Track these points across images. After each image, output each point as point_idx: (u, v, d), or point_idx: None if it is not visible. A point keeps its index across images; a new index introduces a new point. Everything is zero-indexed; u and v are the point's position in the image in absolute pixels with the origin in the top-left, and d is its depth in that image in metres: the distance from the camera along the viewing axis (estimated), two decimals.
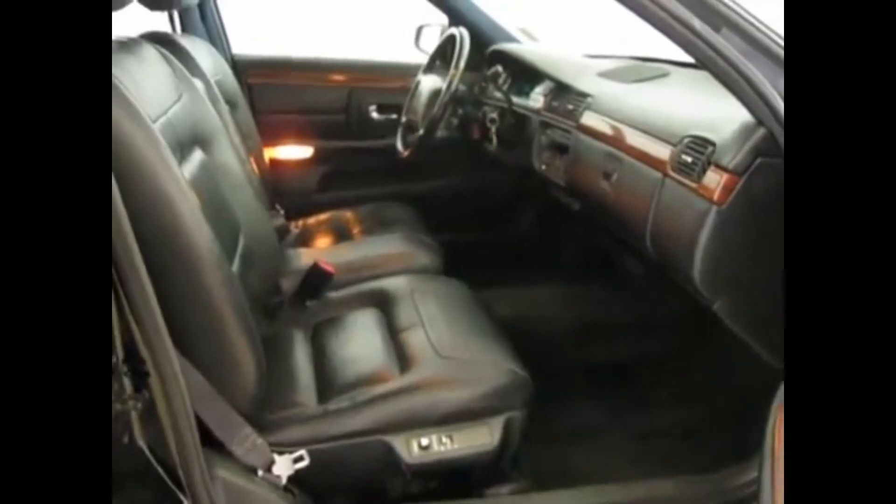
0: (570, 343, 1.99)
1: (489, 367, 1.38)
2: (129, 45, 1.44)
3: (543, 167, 1.94)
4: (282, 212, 2.27)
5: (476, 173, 2.50)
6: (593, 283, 2.18)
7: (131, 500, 1.03)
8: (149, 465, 1.05)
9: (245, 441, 1.20)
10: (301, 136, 2.52)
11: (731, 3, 1.10)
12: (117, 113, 1.08)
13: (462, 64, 2.00)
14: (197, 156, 1.46)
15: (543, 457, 1.57)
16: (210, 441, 1.17)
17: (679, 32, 1.10)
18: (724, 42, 1.07)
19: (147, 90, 1.29)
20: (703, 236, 1.18)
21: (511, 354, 1.43)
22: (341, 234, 2.17)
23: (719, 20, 1.09)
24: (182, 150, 1.38)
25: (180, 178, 1.16)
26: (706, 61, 1.08)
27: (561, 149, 1.84)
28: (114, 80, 1.13)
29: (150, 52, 1.49)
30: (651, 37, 1.17)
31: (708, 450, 1.65)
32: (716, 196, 1.16)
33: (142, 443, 1.05)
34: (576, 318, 2.07)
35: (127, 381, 1.02)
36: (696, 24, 1.08)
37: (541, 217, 2.47)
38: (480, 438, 1.31)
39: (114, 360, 1.00)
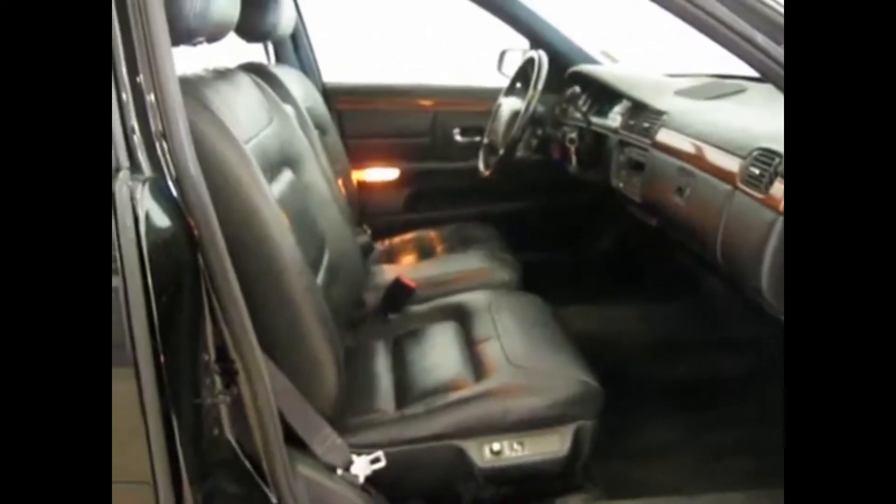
0: (648, 360, 1.99)
1: (560, 376, 1.41)
2: (226, 73, 1.56)
3: (621, 185, 1.96)
4: (369, 231, 2.37)
5: (556, 193, 2.54)
6: (673, 301, 2.18)
7: (217, 488, 1.12)
8: (236, 457, 1.14)
9: (325, 441, 1.28)
10: (388, 159, 2.63)
11: None
12: (212, 133, 1.19)
13: (540, 85, 2.05)
14: (286, 175, 1.56)
15: (616, 470, 1.59)
16: (293, 439, 1.24)
17: (744, 49, 1.12)
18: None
19: (240, 114, 1.40)
20: (770, 247, 1.18)
21: (583, 365, 1.46)
22: (424, 253, 2.25)
23: (781, 33, 1.11)
24: (272, 170, 1.48)
25: (268, 193, 1.26)
26: (768, 73, 1.10)
27: (637, 166, 1.86)
28: (210, 104, 1.24)
29: (245, 80, 1.61)
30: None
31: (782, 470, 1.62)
32: (782, 206, 1.16)
33: (230, 436, 1.13)
34: (654, 336, 2.07)
35: (217, 379, 1.11)
36: (759, 38, 1.10)
37: (620, 235, 2.48)
38: (551, 446, 1.35)
39: (206, 358, 1.09)
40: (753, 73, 1.88)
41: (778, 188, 1.19)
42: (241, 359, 1.13)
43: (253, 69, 1.90)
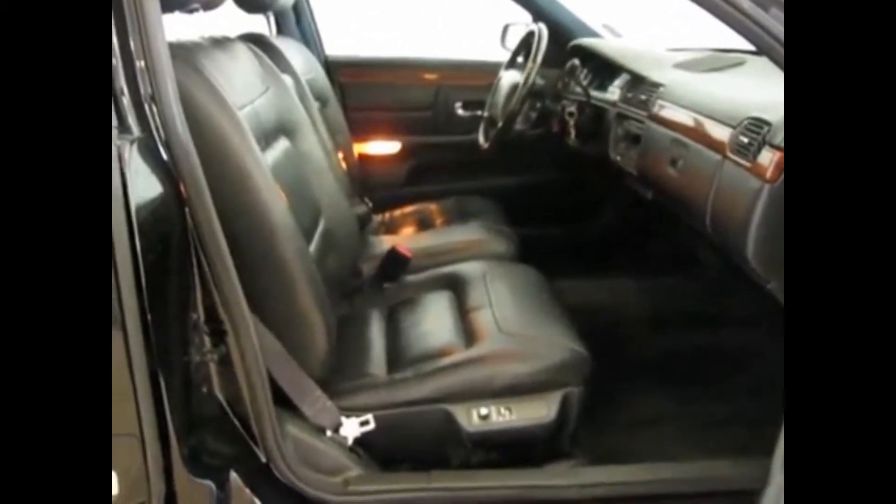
0: (643, 332, 2.00)
1: (548, 343, 1.42)
2: (222, 41, 1.57)
3: (618, 158, 1.97)
4: (370, 204, 2.38)
5: (556, 167, 2.55)
6: (670, 275, 2.18)
7: (204, 444, 1.14)
8: (225, 414, 1.16)
9: (315, 403, 1.30)
10: (389, 132, 2.64)
11: None
12: (203, 97, 1.20)
13: (539, 58, 2.05)
14: (282, 143, 1.58)
15: (607, 439, 1.60)
16: (282, 400, 1.27)
17: (729, 14, 1.12)
18: (774, 21, 1.08)
19: (235, 81, 1.41)
20: (757, 215, 1.19)
21: (572, 333, 1.47)
22: (423, 224, 2.27)
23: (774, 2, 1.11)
24: (266, 137, 1.50)
25: (260, 158, 1.27)
26: (756, 40, 1.10)
27: (635, 139, 1.86)
28: (204, 70, 1.25)
29: (242, 49, 1.62)
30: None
31: (775, 442, 1.63)
32: (769, 174, 1.17)
33: (219, 394, 1.16)
34: (650, 308, 2.08)
35: (206, 338, 1.13)
36: (746, 5, 1.10)
37: (618, 209, 2.49)
38: (538, 411, 1.36)
39: (194, 317, 1.12)
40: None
41: (765, 156, 1.19)
42: (229, 319, 1.15)
43: (252, 39, 1.91)
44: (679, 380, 1.84)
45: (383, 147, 2.64)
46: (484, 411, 1.36)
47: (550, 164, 2.54)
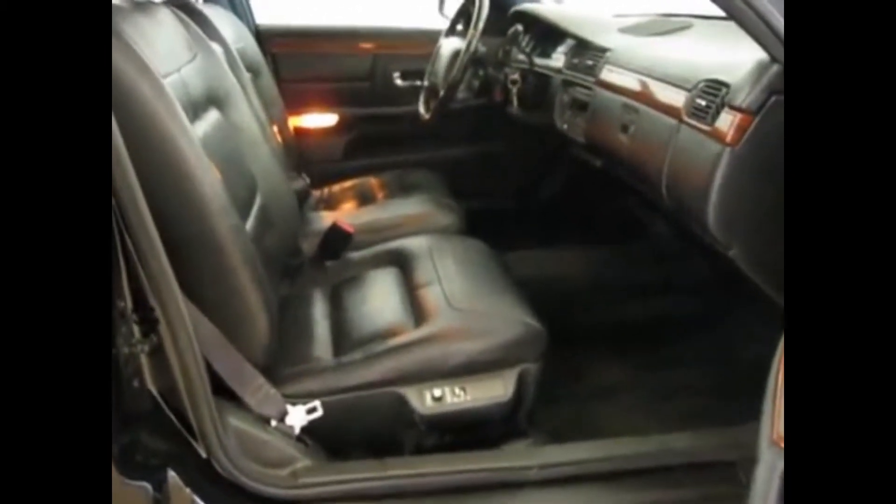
0: (594, 302, 1.97)
1: (502, 318, 1.37)
2: (145, 6, 1.45)
3: (565, 126, 1.91)
4: (308, 179, 2.28)
5: (499, 137, 2.48)
6: (619, 244, 2.15)
7: (137, 441, 1.05)
8: (159, 409, 1.07)
9: (258, 391, 1.21)
10: (326, 104, 2.53)
11: None
12: (123, 64, 1.09)
13: (481, 24, 1.98)
14: (212, 115, 1.47)
15: (562, 413, 1.57)
16: (222, 390, 1.18)
17: None
18: None
19: (159, 47, 1.30)
20: (717, 179, 1.15)
21: (525, 307, 1.42)
22: (364, 199, 2.18)
23: None
24: (195, 108, 1.39)
25: (188, 129, 1.17)
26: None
27: (582, 106, 1.81)
28: (123, 34, 1.14)
29: (166, 15, 1.50)
30: None
31: (731, 409, 1.62)
32: (729, 137, 1.12)
33: (152, 388, 1.06)
34: (600, 278, 2.05)
35: (135, 328, 1.03)
36: None
37: (564, 179, 2.44)
38: (494, 390, 1.31)
39: (121, 305, 1.02)
40: (699, 11, 1.86)
41: (725, 119, 1.14)
42: (160, 305, 1.06)
43: (176, 4, 1.78)
44: (632, 349, 1.82)
45: (319, 120, 2.53)
46: (437, 392, 1.29)
47: (494, 134, 2.47)
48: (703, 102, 1.21)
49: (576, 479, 1.24)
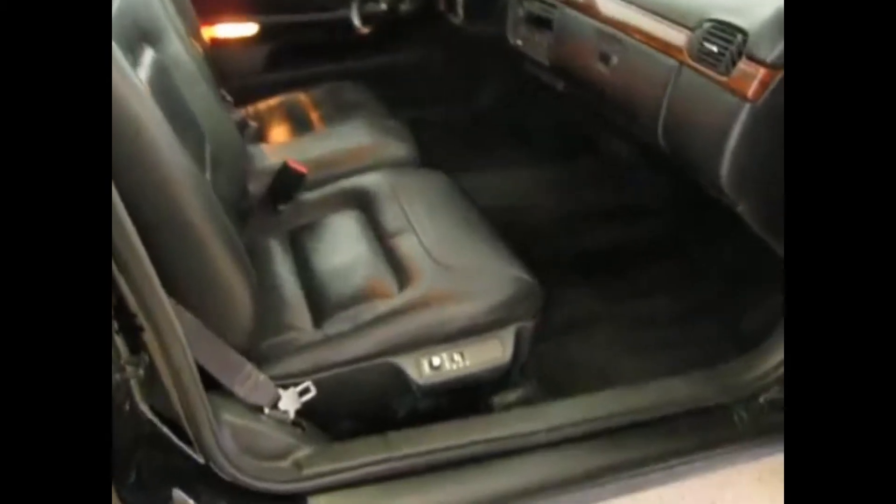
0: (556, 231, 1.92)
1: (495, 276, 1.30)
2: None
3: (520, 42, 1.79)
4: (230, 98, 2.07)
5: (438, 47, 2.32)
6: (574, 165, 2.09)
7: (132, 462, 0.94)
8: (153, 426, 0.96)
9: (247, 380, 1.11)
10: (243, 12, 2.27)
11: None
12: None
13: None
14: (148, 55, 1.26)
15: (544, 356, 1.54)
16: (210, 385, 1.07)
17: None
18: None
19: None
20: (734, 135, 1.09)
21: (513, 257, 1.35)
22: (299, 122, 2.00)
23: None
24: (132, 49, 1.19)
25: (135, 82, 0.99)
26: None
27: (542, 23, 1.69)
28: None
29: None
30: None
31: (705, 335, 1.64)
32: (750, 92, 1.06)
33: (143, 406, 0.94)
34: (559, 205, 1.99)
35: (121, 343, 0.90)
36: None
37: (511, 94, 2.33)
38: (492, 353, 1.26)
39: None
40: None
41: (744, 71, 1.07)
42: (143, 309, 0.92)
43: None
44: (600, 279, 1.80)
45: (238, 29, 2.28)
46: (436, 361, 1.23)
47: (433, 43, 2.30)
48: (714, 48, 1.13)
49: (582, 438, 1.23)
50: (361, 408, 1.27)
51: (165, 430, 0.97)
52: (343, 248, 1.45)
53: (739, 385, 1.33)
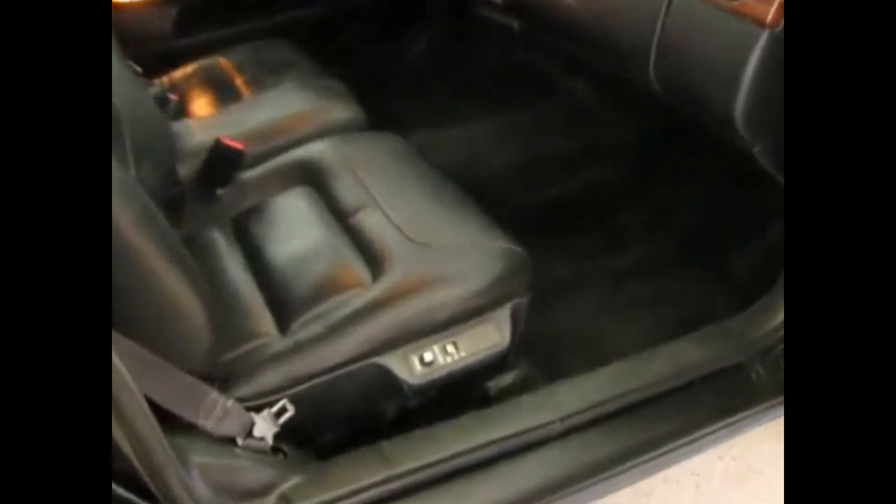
0: (518, 183, 1.77)
1: (482, 251, 1.14)
2: None
3: None
4: (138, 69, 1.82)
5: None
6: (532, 111, 1.92)
7: None
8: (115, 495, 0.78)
9: (214, 409, 0.93)
10: None
11: None
12: None
13: None
14: None
15: (530, 327, 1.40)
16: (171, 422, 0.89)
17: None
18: None
19: None
20: (750, 67, 0.95)
21: (496, 227, 1.20)
22: (223, 90, 1.77)
23: None
24: None
25: None
26: None
27: None
28: None
29: None
30: None
31: (692, 284, 1.54)
32: (769, 17, 0.91)
33: None
34: (518, 154, 1.83)
35: None
36: None
37: (456, 38, 2.13)
38: (489, 338, 1.11)
39: None
40: None
41: None
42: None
43: None
44: (571, 232, 1.66)
45: None
46: (427, 356, 1.07)
47: None
48: None
49: (598, 422, 1.10)
50: (347, 417, 1.11)
51: (122, 491, 0.79)
52: (298, 232, 1.26)
53: (753, 341, 1.22)
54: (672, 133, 1.64)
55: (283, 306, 1.13)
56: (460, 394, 1.17)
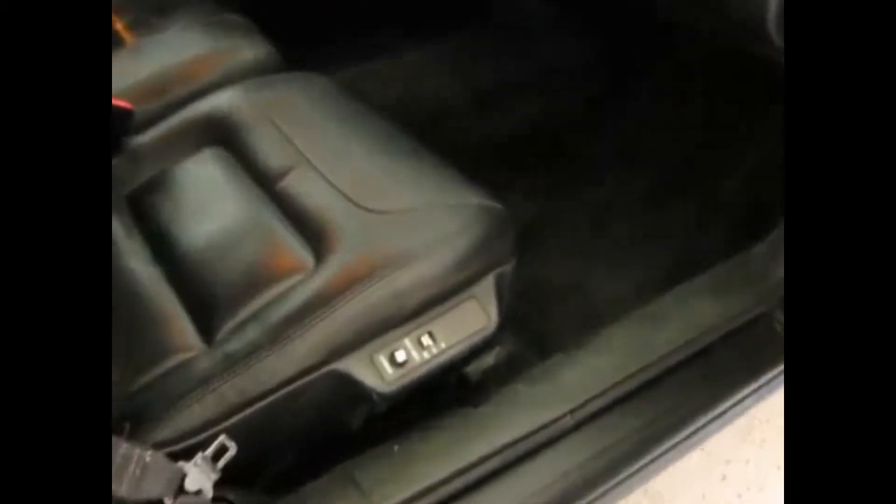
0: (469, 118, 1.53)
1: (452, 212, 0.91)
2: None
3: None
4: None
5: None
6: (467, 36, 1.66)
7: None
8: None
9: (127, 468, 0.69)
10: None
11: None
12: None
13: None
14: None
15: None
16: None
17: None
18: None
19: None
20: None
21: (463, 180, 0.96)
22: None
23: None
24: None
25: None
26: None
27: None
28: None
29: None
30: None
31: (677, 217, 1.35)
32: None
33: None
34: (459, 86, 1.58)
35: None
36: None
37: None
38: (472, 321, 0.89)
39: None
40: None
41: None
42: None
43: None
44: (533, 170, 1.44)
45: None
46: (400, 355, 0.84)
47: None
48: None
49: (608, 409, 0.91)
50: (303, 440, 0.88)
51: None
52: (213, 208, 1.01)
53: (770, 286, 1.04)
54: (638, 49, 1.43)
55: (205, 309, 0.88)
56: (435, 385, 0.96)
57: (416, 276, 0.85)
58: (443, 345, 0.86)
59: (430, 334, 0.86)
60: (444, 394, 0.96)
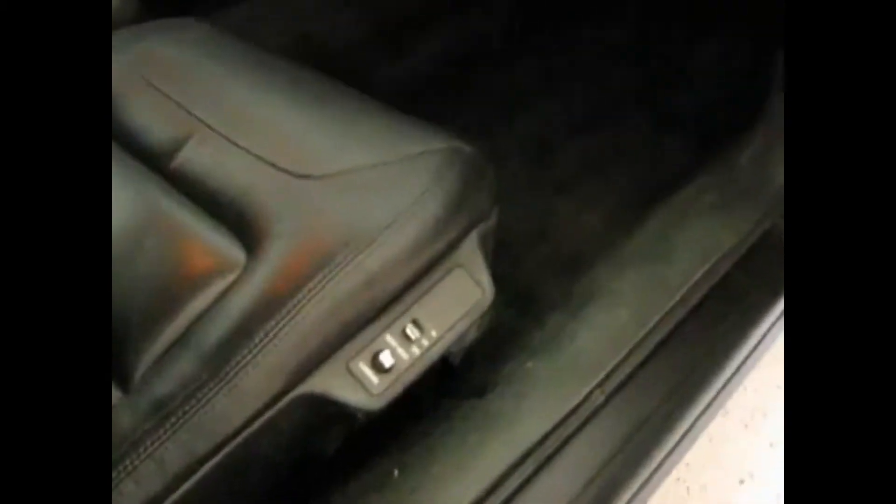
0: (372, 55, 1.30)
1: (413, 166, 0.70)
2: None
3: None
4: None
5: None
6: None
7: None
8: None
9: None
10: None
11: None
12: None
13: None
14: None
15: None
16: None
17: None
18: None
19: None
20: None
21: (417, 122, 0.76)
22: None
23: None
24: None
25: None
26: None
27: None
28: None
29: None
30: None
31: (631, 136, 1.20)
32: None
33: None
34: (358, 18, 1.35)
35: None
36: None
37: None
38: (464, 296, 0.70)
39: None
40: None
41: None
42: None
43: None
44: (460, 99, 1.25)
45: None
46: (386, 358, 0.65)
47: None
48: None
49: (631, 378, 0.75)
50: (272, 474, 0.68)
51: None
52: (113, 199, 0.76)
53: (770, 196, 0.90)
54: None
55: (124, 339, 0.65)
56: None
57: (382, 254, 0.65)
58: (433, 333, 0.67)
59: (416, 322, 0.67)
60: (427, 386, 0.77)
